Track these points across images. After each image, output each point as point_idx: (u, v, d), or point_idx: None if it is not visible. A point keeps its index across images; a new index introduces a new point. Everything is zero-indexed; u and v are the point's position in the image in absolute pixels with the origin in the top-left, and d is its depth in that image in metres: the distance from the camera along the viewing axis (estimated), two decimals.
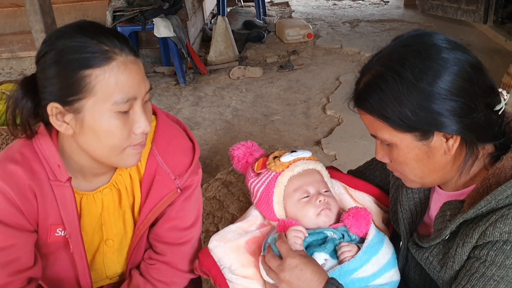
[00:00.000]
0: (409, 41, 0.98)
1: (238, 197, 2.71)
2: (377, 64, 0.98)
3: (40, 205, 1.12)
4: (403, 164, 1.02)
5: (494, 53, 4.65)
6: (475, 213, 0.96)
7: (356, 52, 5.09)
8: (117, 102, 1.00)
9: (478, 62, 0.96)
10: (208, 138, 3.53)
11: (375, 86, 0.96)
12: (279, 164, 1.23)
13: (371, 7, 7.00)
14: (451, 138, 0.96)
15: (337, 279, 1.06)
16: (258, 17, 6.46)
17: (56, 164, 1.10)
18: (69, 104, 1.00)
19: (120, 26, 4.24)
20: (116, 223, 1.23)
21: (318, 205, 1.19)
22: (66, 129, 1.04)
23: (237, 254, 1.20)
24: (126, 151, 1.06)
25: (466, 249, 0.97)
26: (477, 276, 0.95)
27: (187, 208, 1.24)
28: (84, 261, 1.20)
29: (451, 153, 0.98)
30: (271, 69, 4.86)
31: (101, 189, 1.19)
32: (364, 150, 3.05)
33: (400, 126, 0.96)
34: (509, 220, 0.91)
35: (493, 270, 0.93)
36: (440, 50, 0.94)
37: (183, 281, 1.29)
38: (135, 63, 1.03)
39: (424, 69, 0.92)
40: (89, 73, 0.98)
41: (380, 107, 0.96)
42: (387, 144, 1.02)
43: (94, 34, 0.99)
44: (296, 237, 1.09)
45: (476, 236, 0.95)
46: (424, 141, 0.97)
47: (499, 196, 0.93)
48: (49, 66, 1.00)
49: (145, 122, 1.05)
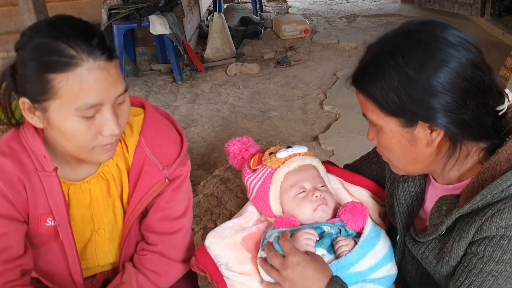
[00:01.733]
0: (415, 27, 0.98)
1: (236, 194, 2.71)
2: (378, 45, 1.00)
3: (30, 196, 1.14)
4: (387, 148, 1.04)
5: (491, 46, 4.64)
6: (471, 207, 0.95)
7: (353, 47, 5.08)
8: (80, 107, 1.00)
9: (480, 61, 0.95)
10: (205, 135, 3.53)
11: (370, 67, 0.98)
12: (275, 160, 1.23)
13: (368, 1, 6.99)
14: (435, 131, 0.96)
15: (335, 273, 1.06)
16: (255, 13, 6.45)
17: (42, 155, 1.12)
18: (37, 102, 1.02)
19: (115, 24, 4.22)
20: (106, 213, 1.25)
21: (315, 200, 1.19)
22: (36, 123, 1.06)
23: (234, 251, 1.20)
24: (95, 149, 1.08)
25: (462, 244, 0.97)
26: (475, 272, 0.94)
27: (177, 198, 1.25)
28: (74, 251, 1.22)
29: (433, 146, 0.98)
30: (268, 65, 4.85)
31: (88, 180, 1.21)
32: (362, 145, 3.05)
33: (387, 110, 0.97)
34: (506, 215, 0.90)
35: (491, 266, 0.92)
36: (443, 43, 0.93)
37: (176, 271, 1.30)
38: (104, 68, 1.01)
39: (420, 59, 0.92)
40: (53, 77, 0.98)
41: (370, 88, 0.98)
42: (375, 126, 1.03)
43: (65, 36, 0.98)
44: (309, 239, 1.09)
45: (473, 231, 0.94)
46: (408, 129, 0.98)
47: (495, 190, 0.92)
48: (24, 62, 1.01)
49: (113, 125, 1.04)
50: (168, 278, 1.29)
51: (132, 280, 1.25)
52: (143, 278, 1.26)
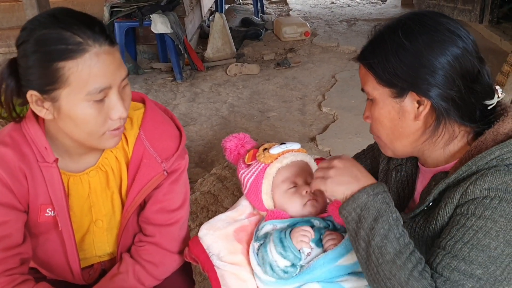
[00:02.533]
0: (420, 11, 1.08)
1: (233, 192, 2.73)
2: (386, 24, 1.10)
3: (30, 186, 1.17)
4: (378, 121, 1.10)
5: (489, 52, 4.68)
6: (456, 178, 1.01)
7: (352, 51, 5.11)
8: (91, 92, 1.03)
9: (474, 51, 1.03)
10: (204, 134, 3.56)
11: (374, 41, 1.08)
12: (268, 155, 1.26)
13: (369, 6, 7.03)
14: (422, 105, 1.03)
15: (321, 266, 1.09)
16: (256, 15, 6.48)
17: (43, 146, 1.15)
18: (46, 92, 1.04)
19: (117, 22, 4.25)
20: (104, 204, 1.28)
21: (305, 195, 1.22)
22: (45, 114, 1.08)
23: (226, 242, 1.23)
24: (105, 135, 1.11)
25: (448, 210, 1.01)
26: (458, 227, 0.97)
27: (175, 191, 1.28)
28: (72, 240, 1.24)
29: (419, 119, 1.05)
30: (268, 66, 4.88)
31: (88, 171, 1.24)
32: (358, 146, 3.05)
33: (381, 79, 1.05)
34: (489, 178, 0.96)
35: (473, 221, 0.96)
36: (442, 26, 1.02)
37: (172, 262, 1.33)
38: (109, 52, 1.05)
39: (416, 33, 1.02)
40: (63, 65, 1.01)
41: (369, 57, 1.07)
42: (371, 101, 1.11)
43: (69, 25, 1.02)
44: (304, 236, 1.11)
45: (458, 196, 0.99)
46: (398, 99, 1.05)
47: (479, 162, 0.98)
48: (27, 55, 1.03)
49: (121, 108, 1.08)
50: (164, 269, 1.31)
51: (129, 270, 1.28)
52: (140, 268, 1.28)
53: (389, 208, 0.99)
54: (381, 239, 0.96)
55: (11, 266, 1.14)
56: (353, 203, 1.00)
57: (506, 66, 3.47)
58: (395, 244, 0.96)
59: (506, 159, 0.97)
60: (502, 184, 0.94)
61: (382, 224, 0.97)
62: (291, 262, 1.11)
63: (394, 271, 0.95)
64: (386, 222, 0.97)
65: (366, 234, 0.98)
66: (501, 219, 0.94)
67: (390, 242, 0.96)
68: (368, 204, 0.99)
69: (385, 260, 0.96)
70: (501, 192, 0.94)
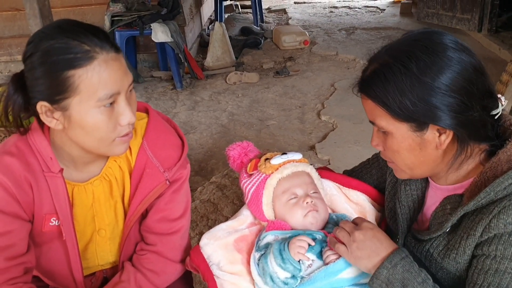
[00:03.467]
0: (418, 36, 1.04)
1: (232, 200, 2.74)
2: (385, 54, 1.04)
3: (36, 195, 1.18)
4: (396, 152, 1.08)
5: (488, 61, 4.70)
6: (475, 205, 1.00)
7: (351, 59, 5.14)
8: (101, 98, 1.05)
9: (480, 66, 1.02)
10: (203, 142, 3.57)
11: (380, 75, 1.02)
12: (269, 166, 1.26)
13: (368, 14, 7.07)
14: (444, 133, 1.02)
15: (322, 279, 1.10)
16: (256, 24, 6.52)
17: (48, 156, 1.16)
18: (56, 102, 1.06)
19: (118, 31, 4.28)
20: (107, 213, 1.28)
21: (305, 206, 1.22)
22: (56, 125, 1.09)
23: (226, 252, 1.24)
24: (115, 141, 1.12)
25: (470, 242, 1.00)
26: (491, 273, 0.97)
27: (176, 200, 1.29)
28: (75, 249, 1.25)
29: (442, 148, 1.03)
30: (267, 74, 4.90)
31: (92, 181, 1.25)
32: (357, 155, 3.09)
33: (398, 115, 1.01)
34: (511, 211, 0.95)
35: (506, 264, 0.95)
36: (447, 48, 0.99)
37: (174, 271, 1.33)
38: (116, 59, 1.07)
39: (429, 64, 0.98)
40: (73, 74, 1.02)
41: (382, 95, 1.02)
42: (383, 132, 1.07)
43: (75, 34, 1.04)
44: (300, 247, 1.11)
45: (480, 229, 0.98)
46: (419, 133, 1.02)
47: (497, 188, 0.97)
48: (36, 67, 1.04)
49: (130, 113, 1.10)
50: (166, 277, 1.32)
51: (130, 279, 1.28)
52: (141, 277, 1.29)
53: (411, 274, 1.02)
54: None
55: (15, 275, 1.15)
56: (377, 280, 1.04)
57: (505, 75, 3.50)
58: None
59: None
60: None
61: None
62: (291, 273, 1.11)
63: None
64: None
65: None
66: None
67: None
68: (390, 278, 1.02)
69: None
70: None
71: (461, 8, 5.66)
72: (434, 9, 6.02)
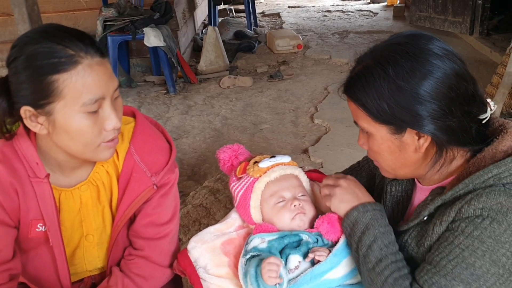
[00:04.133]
0: (403, 40, 1.04)
1: (225, 205, 2.73)
2: (369, 57, 1.05)
3: (22, 201, 1.17)
4: (377, 153, 1.10)
5: (479, 63, 4.73)
6: (452, 195, 1.01)
7: (344, 63, 5.16)
8: (86, 103, 1.04)
9: (464, 72, 1.01)
10: (196, 146, 3.56)
11: (362, 77, 1.04)
12: (257, 169, 1.26)
13: (361, 18, 7.10)
14: (423, 137, 1.02)
15: (309, 281, 1.09)
16: (249, 28, 6.53)
17: (34, 162, 1.15)
18: (40, 107, 1.05)
19: (110, 36, 4.27)
20: (95, 218, 1.28)
21: (293, 209, 1.22)
22: (40, 130, 1.08)
23: (213, 255, 1.23)
24: (100, 146, 1.11)
25: (442, 228, 1.01)
26: (445, 244, 0.98)
27: (164, 205, 1.28)
28: (63, 255, 1.24)
29: (421, 151, 1.04)
30: (261, 78, 4.91)
31: (79, 186, 1.24)
32: (350, 158, 3.09)
33: (377, 118, 1.03)
34: (484, 198, 0.95)
35: (460, 239, 0.96)
36: (429, 54, 0.99)
37: (162, 276, 1.32)
38: (101, 64, 1.07)
39: (407, 69, 0.98)
40: (57, 78, 1.02)
41: (362, 97, 1.04)
42: (366, 132, 1.09)
43: (60, 39, 1.03)
44: (271, 270, 1.09)
45: (453, 214, 0.99)
46: (397, 135, 1.04)
47: (476, 180, 0.97)
48: (20, 71, 1.04)
49: (115, 119, 1.09)
50: (154, 282, 1.31)
51: (118, 284, 1.27)
52: (129, 281, 1.28)
53: (377, 223, 1.10)
54: (366, 249, 1.07)
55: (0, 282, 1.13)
56: (347, 220, 1.13)
57: (495, 77, 3.52)
58: (377, 253, 1.06)
59: (504, 178, 0.96)
60: (496, 205, 0.94)
61: (368, 236, 1.08)
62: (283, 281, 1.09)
63: (373, 277, 1.04)
64: (371, 235, 1.08)
65: (356, 245, 1.09)
66: (489, 240, 0.93)
67: (373, 251, 1.06)
68: (358, 220, 1.10)
69: (368, 268, 1.06)
70: (494, 212, 0.94)
71: (452, 11, 5.70)
72: (426, 13, 6.05)
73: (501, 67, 3.49)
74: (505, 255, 0.93)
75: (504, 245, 0.93)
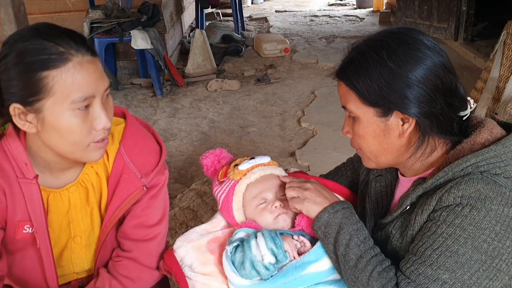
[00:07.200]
0: (396, 30, 1.10)
1: (212, 207, 2.73)
2: (363, 44, 1.11)
3: (9, 202, 1.15)
4: (362, 138, 1.13)
5: (464, 69, 4.80)
6: (433, 183, 1.04)
7: (331, 67, 5.19)
8: (75, 101, 1.04)
9: (449, 66, 1.07)
10: (183, 149, 3.55)
11: (355, 60, 1.09)
12: (237, 172, 1.27)
13: (347, 23, 7.17)
14: (407, 122, 1.06)
15: (293, 272, 1.11)
16: (237, 31, 6.55)
17: (23, 162, 1.14)
18: (29, 104, 1.04)
19: (97, 38, 4.25)
20: (83, 220, 1.26)
21: (275, 210, 1.23)
22: (29, 128, 1.07)
23: (198, 253, 1.23)
24: (89, 147, 1.10)
25: (424, 217, 1.04)
26: (428, 234, 1.01)
27: (153, 206, 1.28)
28: (50, 257, 1.22)
29: (404, 136, 1.08)
30: (248, 82, 4.92)
31: (68, 187, 1.23)
32: (337, 161, 3.07)
33: (366, 99, 1.07)
34: (463, 185, 0.99)
35: (443, 228, 0.99)
36: (421, 44, 1.05)
37: (150, 278, 1.31)
38: (91, 62, 1.06)
39: (399, 53, 1.04)
40: (47, 75, 1.01)
41: (353, 78, 1.08)
42: (352, 117, 1.13)
43: (51, 36, 1.03)
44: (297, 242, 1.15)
45: (434, 203, 1.02)
46: (383, 118, 1.08)
47: (455, 169, 1.02)
48: (10, 68, 1.03)
49: (105, 119, 1.08)
50: (141, 284, 1.30)
51: (105, 285, 1.26)
52: (116, 283, 1.27)
53: (349, 221, 1.12)
54: (344, 249, 1.09)
55: None
56: (318, 222, 1.14)
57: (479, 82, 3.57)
58: (355, 250, 1.08)
59: (481, 166, 1.00)
60: (475, 192, 0.97)
61: (343, 235, 1.10)
62: (277, 260, 1.11)
63: (357, 274, 1.06)
64: (347, 233, 1.10)
65: (333, 247, 1.11)
66: (470, 227, 0.97)
67: (351, 249, 1.08)
68: (329, 222, 1.12)
69: (349, 266, 1.07)
70: (473, 200, 0.97)
71: (437, 17, 5.78)
72: (412, 18, 6.13)
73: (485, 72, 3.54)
74: (486, 241, 0.96)
75: (484, 232, 0.96)
